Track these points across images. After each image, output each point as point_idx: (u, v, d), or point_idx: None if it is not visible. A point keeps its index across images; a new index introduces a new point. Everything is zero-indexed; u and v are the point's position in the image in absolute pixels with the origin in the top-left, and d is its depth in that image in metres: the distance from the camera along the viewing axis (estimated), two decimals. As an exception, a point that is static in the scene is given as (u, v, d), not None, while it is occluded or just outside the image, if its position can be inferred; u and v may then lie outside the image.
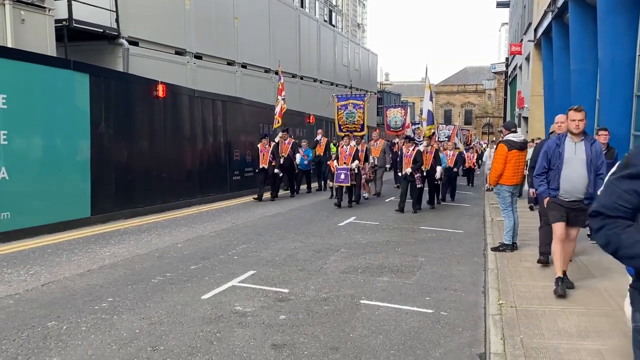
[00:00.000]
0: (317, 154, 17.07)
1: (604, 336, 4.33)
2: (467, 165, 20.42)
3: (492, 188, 8.36)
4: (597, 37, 11.31)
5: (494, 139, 47.70)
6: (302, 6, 41.67)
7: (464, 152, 20.95)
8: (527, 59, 26.80)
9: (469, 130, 32.05)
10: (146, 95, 11.91)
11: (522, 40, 29.41)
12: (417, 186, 12.35)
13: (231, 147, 15.17)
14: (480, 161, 27.51)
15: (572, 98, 14.42)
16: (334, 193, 14.31)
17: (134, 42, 13.24)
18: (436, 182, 13.37)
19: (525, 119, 26.95)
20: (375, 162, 15.66)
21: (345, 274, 6.67)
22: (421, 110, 14.75)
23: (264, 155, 14.21)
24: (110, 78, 10.96)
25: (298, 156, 15.67)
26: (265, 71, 20.86)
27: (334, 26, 44.25)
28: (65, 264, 6.98)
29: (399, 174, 14.07)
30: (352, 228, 10.09)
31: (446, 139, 20.77)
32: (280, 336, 4.55)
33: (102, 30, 12.29)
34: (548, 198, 5.77)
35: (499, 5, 43.83)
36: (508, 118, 36.49)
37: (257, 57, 19.86)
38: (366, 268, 6.98)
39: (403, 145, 13.44)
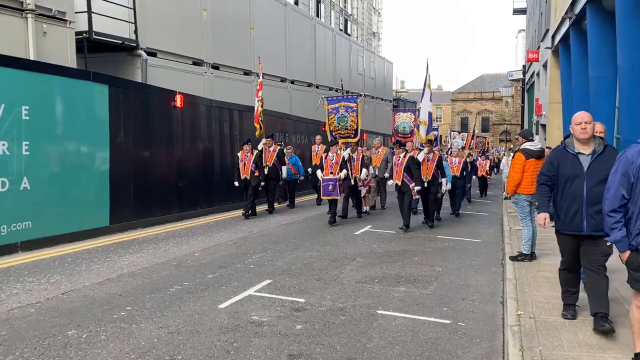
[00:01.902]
0: (314, 163, 15.45)
1: (626, 348, 4.26)
2: (479, 174, 19.58)
3: (510, 197, 8.29)
4: (616, 43, 11.19)
5: (512, 146, 47.31)
6: (317, 16, 41.95)
7: (477, 159, 20.11)
8: (545, 66, 26.59)
9: (485, 138, 31.81)
10: (164, 105, 12.06)
11: (539, 47, 29.20)
12: (414, 197, 11.05)
13: (248, 156, 15.25)
14: (495, 169, 27.23)
15: (591, 105, 14.26)
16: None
17: (152, 53, 13.42)
18: (438, 196, 11.91)
19: (543, 126, 26.70)
20: (376, 172, 14.33)
21: (362, 283, 6.65)
22: (418, 112, 12.76)
23: (244, 164, 12.73)
24: (129, 89, 11.13)
25: (284, 168, 14.10)
26: (282, 80, 20.98)
27: (349, 35, 44.42)
28: (85, 273, 7.07)
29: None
30: (368, 237, 10.07)
31: (460, 149, 20.11)
32: (297, 346, 4.56)
33: (121, 42, 12.49)
34: (629, 252, 3.83)
35: (516, 12, 43.63)
36: (525, 125, 36.19)
37: (273, 67, 19.99)
38: (383, 278, 6.95)
39: (393, 151, 12.23)
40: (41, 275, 6.91)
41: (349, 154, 12.20)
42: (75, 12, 11.17)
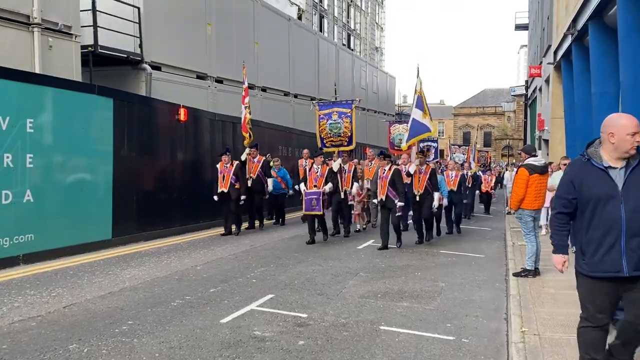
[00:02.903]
0: (301, 177, 13.99)
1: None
2: (483, 189, 19.25)
3: (512, 212, 8.28)
4: (619, 59, 11.24)
5: (514, 161, 47.30)
6: (321, 30, 42.29)
7: (480, 173, 19.69)
8: (547, 81, 26.68)
9: (487, 152, 31.83)
10: (168, 119, 12.12)
11: (541, 62, 29.34)
12: (397, 214, 10.09)
13: (250, 169, 15.25)
14: (499, 184, 27.03)
15: (593, 121, 14.28)
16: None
17: (156, 67, 13.52)
18: (433, 211, 11.05)
19: (546, 141, 26.71)
20: (369, 186, 12.65)
21: (365, 298, 6.61)
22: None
23: (224, 176, 11.75)
24: (133, 102, 11.19)
25: (270, 181, 13.07)
26: (285, 94, 21.09)
27: (352, 50, 44.72)
28: (87, 286, 7.05)
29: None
30: (371, 251, 10.03)
31: (461, 163, 18.99)
32: (300, 362, 4.51)
33: (126, 56, 12.59)
34: None
35: (518, 27, 43.94)
36: (528, 140, 36.21)
37: (276, 81, 20.11)
38: (386, 293, 6.91)
39: (373, 161, 11.66)
40: (43, 289, 6.89)
41: (340, 165, 11.35)
42: (81, 26, 11.29)
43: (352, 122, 11.85)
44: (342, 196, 11.55)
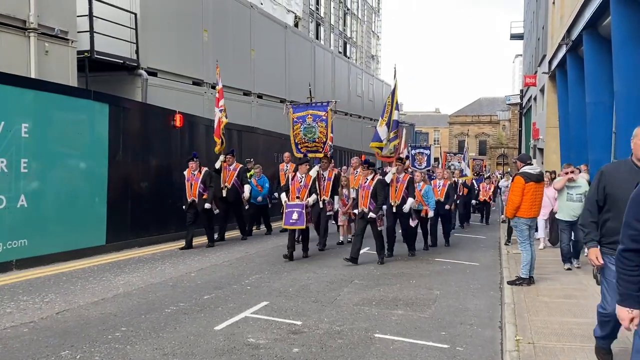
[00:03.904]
0: (282, 183, 12.31)
1: (626, 376, 4.21)
2: (481, 198, 18.50)
3: (506, 219, 8.32)
4: (613, 69, 11.33)
5: (509, 169, 47.43)
6: (317, 38, 42.41)
7: (475, 182, 18.91)
8: (542, 90, 26.86)
9: (482, 160, 31.80)
10: (164, 125, 12.10)
11: (536, 72, 29.54)
12: (378, 228, 9.49)
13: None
14: (498, 191, 26.77)
15: (588, 130, 14.38)
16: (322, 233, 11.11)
17: (152, 73, 13.51)
18: (410, 222, 10.44)
19: (541, 150, 26.85)
20: (354, 195, 11.51)
21: (359, 306, 6.60)
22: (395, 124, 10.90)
23: (192, 184, 10.77)
24: (129, 108, 11.18)
25: (247, 188, 12.02)
26: (281, 101, 21.09)
27: (348, 58, 44.87)
28: (80, 292, 7.00)
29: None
30: (366, 259, 10.00)
31: (455, 171, 18.20)
32: (294, 370, 4.49)
33: (122, 61, 12.58)
34: None
35: (513, 37, 44.23)
36: (523, 149, 36.38)
37: (272, 88, 20.13)
38: (380, 300, 6.90)
39: (359, 169, 10.76)
40: (35, 294, 6.84)
41: (318, 172, 10.36)
42: (78, 32, 11.28)
43: (328, 126, 10.80)
44: (321, 205, 10.80)
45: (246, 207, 12.38)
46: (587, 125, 14.37)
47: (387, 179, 10.03)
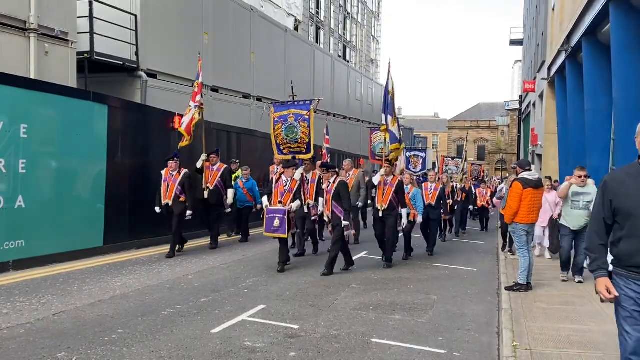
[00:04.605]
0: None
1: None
2: (479, 204, 17.94)
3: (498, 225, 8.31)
4: (612, 76, 11.36)
5: (507, 175, 47.48)
6: (317, 42, 42.48)
7: (474, 187, 18.38)
8: (541, 96, 26.92)
9: (481, 165, 31.75)
10: (163, 127, 12.08)
11: (535, 77, 29.62)
12: (345, 234, 8.93)
13: (244, 179, 15.21)
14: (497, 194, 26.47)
15: (586, 137, 14.41)
16: (295, 241, 10.81)
17: (152, 75, 13.51)
18: (399, 230, 9.96)
19: (539, 156, 26.89)
20: None
21: (357, 310, 6.59)
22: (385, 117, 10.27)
23: (168, 185, 10.08)
24: (128, 109, 11.17)
25: (231, 192, 11.36)
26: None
27: (347, 61, 44.94)
28: (77, 294, 6.98)
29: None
30: (364, 263, 10.00)
31: (453, 175, 18.15)
32: (290, 374, 4.48)
33: (122, 63, 12.58)
34: None
35: (513, 43, 44.32)
36: (522, 155, 36.42)
37: (272, 91, 20.14)
38: (378, 305, 6.89)
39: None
40: (32, 296, 6.82)
41: (302, 175, 9.79)
42: (78, 33, 11.28)
43: (311, 126, 9.99)
44: (306, 210, 10.30)
45: (227, 211, 11.75)
46: (586, 132, 14.40)
47: (375, 180, 9.69)
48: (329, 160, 11.13)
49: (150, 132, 11.77)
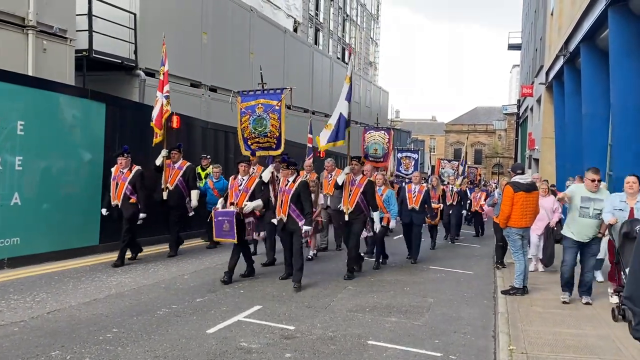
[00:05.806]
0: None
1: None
2: (473, 208, 16.95)
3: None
4: (609, 81, 11.39)
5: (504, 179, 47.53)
6: (316, 43, 42.50)
7: (469, 190, 17.55)
8: (539, 101, 26.99)
9: (477, 169, 31.70)
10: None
11: (533, 82, 29.69)
12: (302, 239, 8.06)
13: (241, 179, 15.18)
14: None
15: (583, 141, 14.44)
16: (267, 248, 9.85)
17: (150, 74, 13.47)
18: (365, 234, 9.26)
19: (536, 160, 26.94)
20: (328, 202, 10.41)
21: (353, 312, 6.57)
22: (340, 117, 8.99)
23: (117, 184, 9.04)
24: (126, 108, 11.13)
25: (194, 193, 10.37)
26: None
27: (346, 63, 44.92)
28: (72, 292, 6.95)
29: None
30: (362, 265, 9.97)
31: (449, 177, 17.78)
32: (286, 375, 4.46)
33: (120, 61, 12.55)
34: None
35: (511, 47, 44.50)
36: (519, 159, 36.51)
37: (270, 92, 20.12)
38: (374, 307, 6.88)
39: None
40: (27, 294, 6.78)
41: (272, 174, 8.49)
42: (76, 30, 11.25)
43: (282, 118, 8.86)
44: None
45: (190, 214, 10.63)
46: (583, 137, 14.43)
47: (340, 180, 8.70)
48: (321, 156, 10.26)
49: (148, 130, 11.70)
